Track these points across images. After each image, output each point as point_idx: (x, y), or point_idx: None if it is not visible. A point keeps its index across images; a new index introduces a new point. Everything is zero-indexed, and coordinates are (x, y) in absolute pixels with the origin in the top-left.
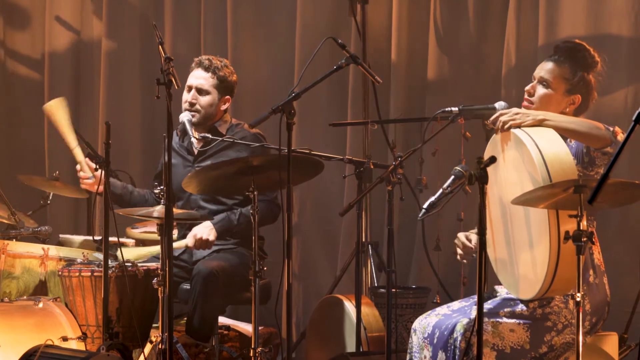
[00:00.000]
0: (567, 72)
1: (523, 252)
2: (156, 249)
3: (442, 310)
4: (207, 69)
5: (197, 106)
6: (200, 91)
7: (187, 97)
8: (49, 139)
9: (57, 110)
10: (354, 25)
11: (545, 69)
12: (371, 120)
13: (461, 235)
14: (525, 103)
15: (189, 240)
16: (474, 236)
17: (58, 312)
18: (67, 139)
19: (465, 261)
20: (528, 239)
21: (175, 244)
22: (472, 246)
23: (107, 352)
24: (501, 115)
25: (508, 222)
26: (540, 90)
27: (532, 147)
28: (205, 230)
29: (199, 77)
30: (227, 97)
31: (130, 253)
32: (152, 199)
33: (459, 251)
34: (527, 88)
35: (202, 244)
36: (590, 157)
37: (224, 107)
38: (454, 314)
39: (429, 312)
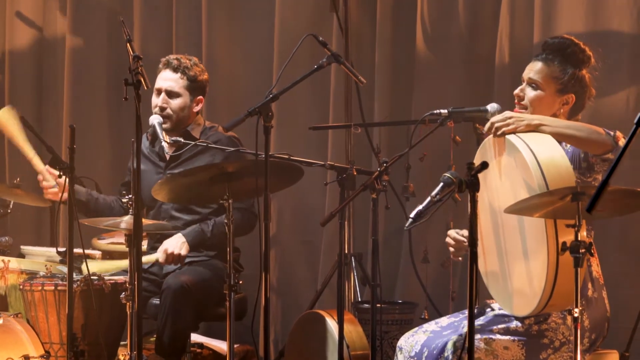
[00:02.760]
0: (557, 71)
1: (517, 264)
2: (125, 263)
3: (430, 326)
4: (176, 70)
5: (168, 110)
6: (171, 94)
7: (156, 101)
8: (10, 144)
9: (8, 120)
10: (335, 22)
11: (533, 69)
12: (354, 123)
13: (452, 232)
14: (516, 108)
15: (159, 255)
16: (466, 232)
17: (19, 328)
18: (23, 149)
19: (460, 259)
20: (522, 250)
21: (144, 258)
22: (464, 239)
23: None
24: (494, 121)
25: (500, 232)
26: (530, 93)
27: (527, 152)
28: (176, 244)
29: (168, 79)
30: (200, 97)
31: (96, 266)
32: (118, 207)
33: (451, 248)
34: (516, 92)
35: (173, 258)
36: (589, 163)
37: (196, 109)
38: (444, 331)
39: (416, 329)
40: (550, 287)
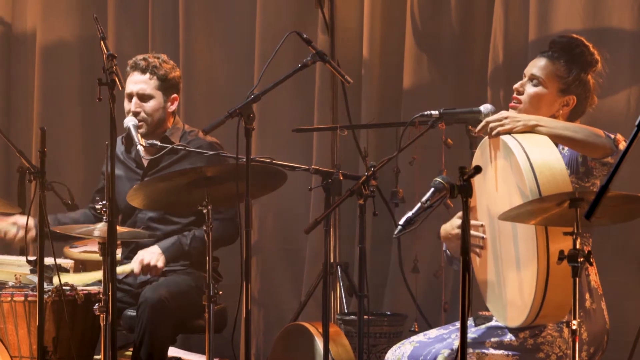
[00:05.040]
0: (562, 70)
1: (511, 273)
2: (100, 274)
3: (418, 338)
4: (144, 71)
5: (143, 114)
6: (143, 97)
7: (129, 106)
8: None
9: None
10: (321, 19)
11: (537, 65)
12: (340, 125)
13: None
14: (513, 102)
15: (134, 265)
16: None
17: None
18: None
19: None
20: (515, 259)
21: (118, 269)
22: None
23: None
24: (489, 120)
25: (496, 239)
26: (530, 89)
27: (520, 155)
28: (152, 255)
29: (137, 82)
30: (174, 96)
31: (71, 278)
32: (87, 220)
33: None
34: (515, 86)
35: (149, 270)
36: (587, 167)
37: (172, 108)
38: (430, 340)
39: (404, 340)
40: (541, 297)
